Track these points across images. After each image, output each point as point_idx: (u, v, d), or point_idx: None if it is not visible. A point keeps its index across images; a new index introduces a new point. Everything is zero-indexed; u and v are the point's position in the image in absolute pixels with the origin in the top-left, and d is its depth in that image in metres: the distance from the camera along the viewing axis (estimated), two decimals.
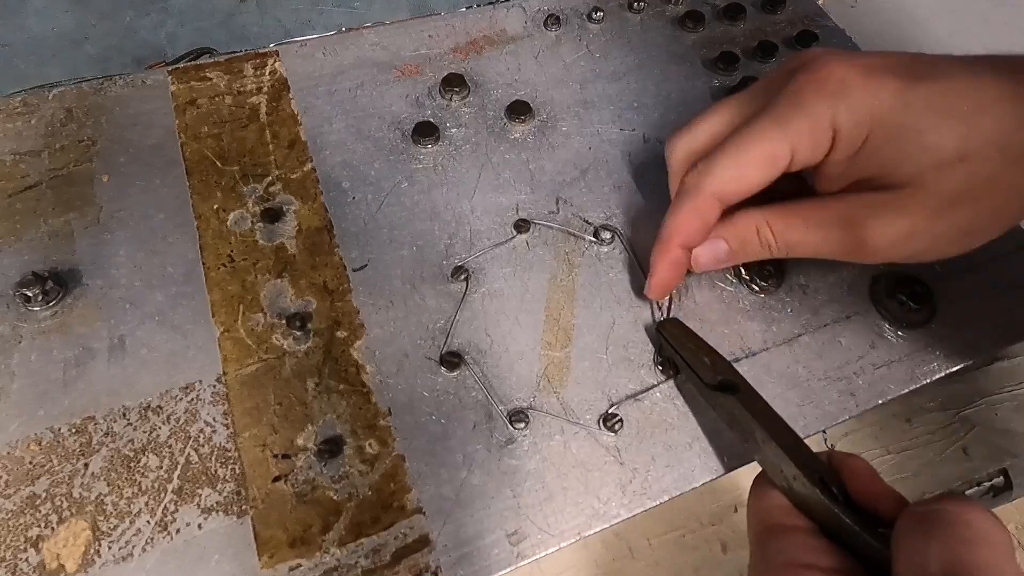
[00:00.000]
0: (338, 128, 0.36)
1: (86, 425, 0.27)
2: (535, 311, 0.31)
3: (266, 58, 0.39)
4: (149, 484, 0.26)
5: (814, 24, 0.43)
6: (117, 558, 0.24)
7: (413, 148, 0.36)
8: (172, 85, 0.37)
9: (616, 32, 0.42)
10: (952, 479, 0.30)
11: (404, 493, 0.26)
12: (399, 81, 0.38)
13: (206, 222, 0.32)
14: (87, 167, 0.34)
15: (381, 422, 0.27)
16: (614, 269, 0.32)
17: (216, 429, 0.27)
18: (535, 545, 0.25)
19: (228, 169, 0.34)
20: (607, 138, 0.37)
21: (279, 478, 0.26)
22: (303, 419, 0.27)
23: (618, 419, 0.28)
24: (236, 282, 0.31)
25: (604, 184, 0.35)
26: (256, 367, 0.28)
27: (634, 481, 0.27)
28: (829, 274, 0.32)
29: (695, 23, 0.42)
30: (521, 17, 0.42)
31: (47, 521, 0.25)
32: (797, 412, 0.29)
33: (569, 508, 0.26)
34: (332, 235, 0.32)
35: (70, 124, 0.35)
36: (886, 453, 0.30)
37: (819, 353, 0.30)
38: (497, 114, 0.37)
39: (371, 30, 0.41)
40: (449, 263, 0.32)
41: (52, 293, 0.29)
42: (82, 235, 0.32)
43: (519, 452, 0.27)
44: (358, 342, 0.29)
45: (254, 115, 0.36)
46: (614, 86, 0.39)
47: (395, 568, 0.25)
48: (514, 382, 0.29)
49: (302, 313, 0.30)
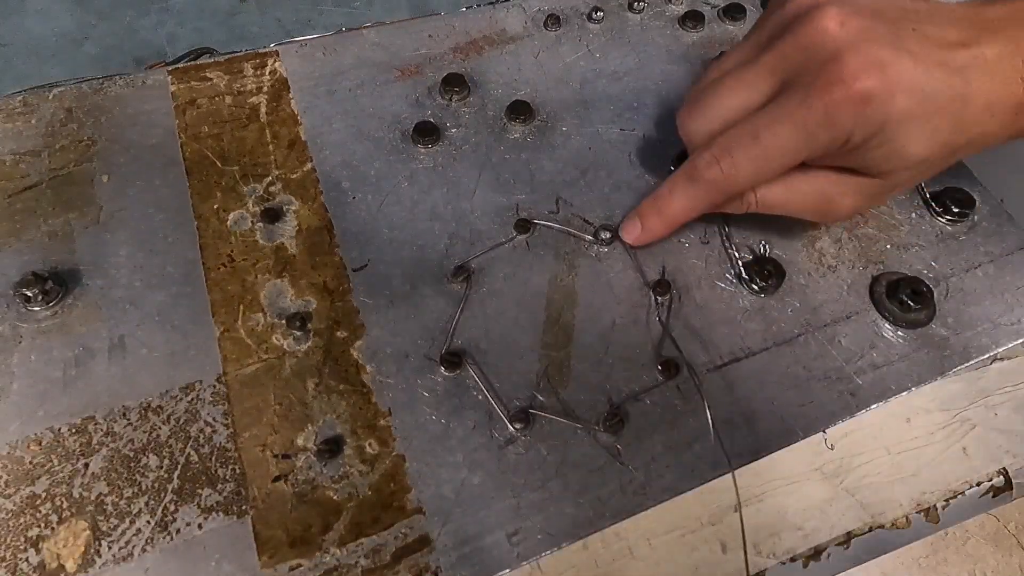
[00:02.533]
0: (338, 128, 0.36)
1: (86, 425, 0.27)
2: (535, 311, 0.31)
3: (266, 58, 0.39)
4: (149, 484, 0.26)
5: None
6: (117, 558, 0.24)
7: (413, 148, 0.36)
8: (172, 85, 0.37)
9: (616, 32, 0.42)
10: (952, 479, 0.30)
11: (404, 493, 0.26)
12: (399, 81, 0.38)
13: (206, 222, 0.32)
14: (87, 167, 0.34)
15: (381, 422, 0.27)
16: (614, 269, 0.32)
17: (216, 429, 0.27)
18: (535, 545, 0.25)
19: (228, 169, 0.34)
20: (607, 138, 0.37)
21: (279, 478, 0.26)
22: (303, 419, 0.27)
23: (618, 419, 0.28)
24: (236, 282, 0.31)
25: (604, 184, 0.35)
26: (256, 367, 0.28)
27: (634, 481, 0.27)
28: (829, 274, 0.32)
29: (695, 23, 0.42)
30: (521, 17, 0.42)
31: (47, 521, 0.25)
32: (797, 412, 0.29)
33: (569, 508, 0.26)
34: (332, 235, 0.32)
35: (70, 124, 0.35)
36: (886, 453, 0.30)
37: (819, 353, 0.30)
38: (497, 114, 0.37)
39: (371, 30, 0.41)
40: (449, 263, 0.32)
41: (52, 293, 0.29)
42: (82, 235, 0.32)
43: (519, 452, 0.27)
44: (358, 342, 0.29)
45: (254, 115, 0.36)
46: (614, 86, 0.39)
47: (395, 568, 0.25)
48: (514, 382, 0.29)
49: (302, 313, 0.30)
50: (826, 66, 0.25)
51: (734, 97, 0.28)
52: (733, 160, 0.28)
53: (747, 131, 0.27)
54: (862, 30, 0.25)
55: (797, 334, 0.31)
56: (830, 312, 0.31)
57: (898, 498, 0.29)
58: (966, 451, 0.31)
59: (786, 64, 0.27)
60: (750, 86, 0.28)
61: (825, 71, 0.25)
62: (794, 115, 0.26)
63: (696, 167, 0.29)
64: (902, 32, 0.25)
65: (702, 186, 0.29)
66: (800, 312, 0.31)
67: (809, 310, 0.31)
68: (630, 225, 0.32)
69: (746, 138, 0.27)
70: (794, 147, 0.27)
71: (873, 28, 0.25)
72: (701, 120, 0.29)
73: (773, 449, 0.28)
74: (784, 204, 0.30)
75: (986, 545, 0.33)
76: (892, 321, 0.31)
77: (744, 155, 0.27)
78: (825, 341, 0.30)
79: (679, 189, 0.30)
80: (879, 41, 0.25)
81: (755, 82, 0.28)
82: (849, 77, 0.25)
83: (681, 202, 0.30)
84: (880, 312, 0.31)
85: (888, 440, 0.30)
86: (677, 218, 0.31)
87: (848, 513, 0.29)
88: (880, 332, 0.31)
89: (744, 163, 0.27)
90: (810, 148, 0.27)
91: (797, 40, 0.26)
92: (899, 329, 0.31)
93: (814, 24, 0.26)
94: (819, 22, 0.26)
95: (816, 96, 0.25)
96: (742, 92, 0.28)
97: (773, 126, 0.27)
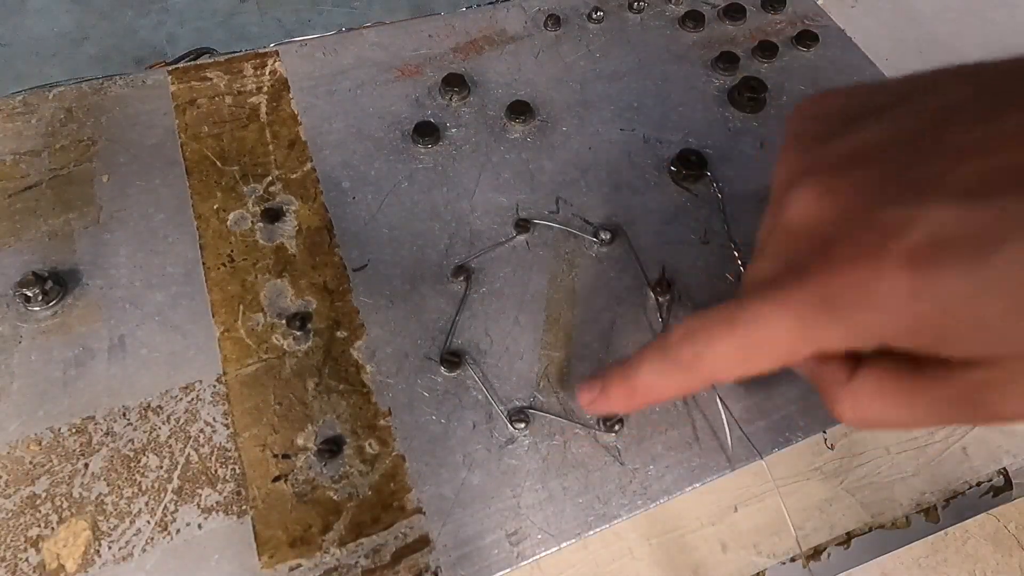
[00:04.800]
0: (338, 128, 0.36)
1: (86, 425, 0.27)
2: (535, 311, 0.31)
3: (266, 58, 0.39)
4: (149, 484, 0.26)
5: (814, 24, 0.43)
6: (117, 558, 0.24)
7: (413, 148, 0.36)
8: (172, 85, 0.37)
9: (616, 32, 0.42)
10: (952, 479, 0.30)
11: (404, 493, 0.26)
12: (399, 81, 0.38)
13: (206, 222, 0.32)
14: (87, 167, 0.34)
15: (381, 422, 0.28)
16: (614, 269, 0.32)
17: (216, 429, 0.27)
18: (535, 545, 0.25)
19: (228, 169, 0.34)
20: (607, 138, 0.37)
21: (279, 478, 0.26)
22: (303, 419, 0.27)
23: (618, 419, 0.28)
24: (236, 282, 0.31)
25: (604, 184, 0.35)
26: (256, 367, 0.28)
27: (634, 481, 0.27)
28: None
29: (695, 23, 0.42)
30: (521, 17, 0.42)
31: (47, 521, 0.25)
32: (797, 412, 0.29)
33: (569, 508, 0.26)
34: (332, 235, 0.32)
35: (70, 124, 0.35)
36: (886, 453, 0.30)
37: None
38: (497, 114, 0.37)
39: (371, 30, 0.41)
40: (449, 263, 0.32)
41: (52, 293, 0.29)
42: (82, 235, 0.32)
43: (519, 452, 0.27)
44: (358, 342, 0.29)
45: (254, 115, 0.36)
46: (614, 86, 0.39)
47: (395, 568, 0.25)
48: (514, 382, 0.29)
49: (302, 313, 0.30)
50: (823, 248, 0.20)
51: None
52: (708, 334, 0.21)
53: (726, 310, 0.21)
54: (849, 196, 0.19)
55: None
56: None
57: (898, 498, 0.29)
58: (966, 451, 0.31)
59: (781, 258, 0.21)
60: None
61: (821, 253, 0.20)
62: (784, 299, 0.20)
63: (669, 340, 0.23)
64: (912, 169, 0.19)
65: (672, 365, 0.23)
66: None
67: None
68: (588, 387, 0.25)
69: (722, 316, 0.21)
70: (784, 341, 0.20)
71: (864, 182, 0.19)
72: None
73: (773, 449, 0.28)
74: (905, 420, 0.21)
75: (986, 545, 0.33)
76: None
77: (721, 332, 0.21)
78: None
79: (648, 362, 0.23)
80: (877, 198, 0.19)
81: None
82: (849, 259, 0.19)
83: (648, 379, 0.23)
84: None
85: (888, 440, 0.30)
86: (643, 396, 0.24)
87: (848, 513, 0.29)
88: None
89: (719, 342, 0.21)
90: (813, 343, 0.20)
91: (779, 231, 0.21)
92: None
93: (791, 211, 0.21)
94: (794, 207, 0.21)
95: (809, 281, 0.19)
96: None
97: (758, 308, 0.20)
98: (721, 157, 0.36)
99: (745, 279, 0.24)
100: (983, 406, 0.20)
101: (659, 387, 0.23)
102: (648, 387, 0.23)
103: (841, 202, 0.20)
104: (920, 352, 0.19)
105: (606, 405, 0.25)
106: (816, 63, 0.41)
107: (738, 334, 0.21)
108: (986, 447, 0.31)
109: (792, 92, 0.40)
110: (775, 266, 0.22)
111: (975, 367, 0.19)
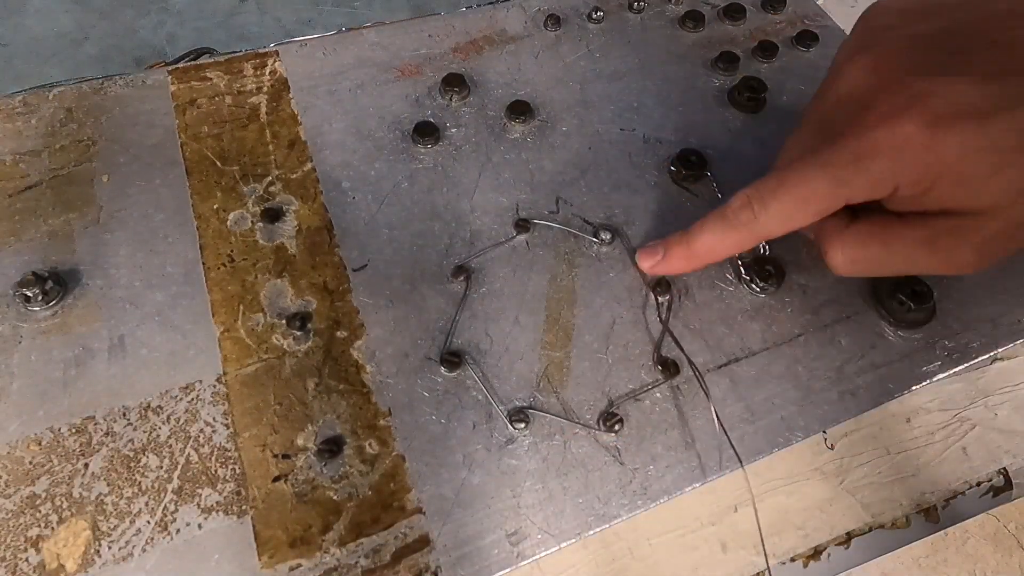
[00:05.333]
0: (338, 128, 0.36)
1: (86, 425, 0.27)
2: (535, 311, 0.31)
3: (266, 58, 0.39)
4: (149, 484, 0.26)
5: (814, 24, 0.43)
6: (117, 558, 0.24)
7: (413, 148, 0.36)
8: (172, 85, 0.37)
9: (616, 32, 0.42)
10: (952, 479, 0.30)
11: (404, 493, 0.26)
12: (399, 81, 0.38)
13: (206, 222, 0.32)
14: (87, 167, 0.34)
15: (381, 422, 0.28)
16: (614, 269, 0.32)
17: (216, 429, 0.27)
18: (535, 545, 0.25)
19: (228, 169, 0.34)
20: (607, 138, 0.37)
21: (279, 478, 0.26)
22: (303, 419, 0.27)
23: (618, 419, 0.28)
24: (236, 282, 0.31)
25: (604, 184, 0.35)
26: (256, 367, 0.28)
27: (634, 481, 0.27)
28: (829, 274, 0.32)
29: (695, 23, 0.42)
30: (521, 17, 0.42)
31: (47, 521, 0.25)
32: (797, 412, 0.29)
33: (569, 508, 0.26)
34: (332, 235, 0.32)
35: (70, 124, 0.35)
36: (886, 453, 0.30)
37: (819, 353, 0.30)
38: (497, 114, 0.37)
39: (371, 30, 0.41)
40: (449, 263, 0.32)
41: (52, 293, 0.29)
42: (82, 235, 0.32)
43: (519, 452, 0.27)
44: (358, 342, 0.29)
45: (254, 115, 0.36)
46: (614, 86, 0.39)
47: (395, 568, 0.25)
48: (514, 382, 0.29)
49: (302, 313, 0.30)
50: (858, 114, 0.25)
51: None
52: (762, 199, 0.27)
53: (784, 184, 0.26)
54: (893, 68, 0.24)
55: (797, 334, 0.31)
56: (830, 312, 0.31)
57: (898, 498, 0.29)
58: (966, 451, 0.31)
59: (825, 124, 0.27)
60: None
61: (856, 119, 0.24)
62: (823, 152, 0.25)
63: (728, 207, 0.28)
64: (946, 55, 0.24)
65: (731, 226, 0.28)
66: (800, 312, 0.31)
67: (809, 310, 0.31)
68: (651, 252, 0.31)
69: (780, 188, 0.26)
70: (823, 194, 0.25)
71: (908, 59, 0.24)
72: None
73: (773, 449, 0.28)
74: (881, 262, 0.27)
75: (986, 545, 0.33)
76: (892, 321, 0.31)
77: (772, 197, 0.26)
78: (825, 341, 0.30)
79: (709, 227, 0.29)
80: (914, 72, 0.23)
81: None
82: (882, 116, 0.23)
83: (709, 240, 0.28)
84: (880, 312, 0.31)
85: (888, 440, 0.30)
86: (702, 256, 0.29)
87: (848, 513, 0.29)
88: (880, 332, 0.31)
89: (772, 203, 0.26)
90: (843, 194, 0.25)
91: (829, 97, 0.26)
92: (899, 329, 0.31)
93: (843, 79, 0.26)
94: (847, 75, 0.25)
95: (844, 143, 0.24)
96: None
97: (803, 171, 0.26)
98: (721, 157, 0.36)
99: (785, 148, 0.29)
100: (943, 250, 0.25)
101: (718, 248, 0.28)
102: (708, 248, 0.28)
103: (884, 72, 0.24)
104: (913, 201, 0.25)
105: (665, 267, 0.30)
106: (816, 63, 0.41)
107: (788, 195, 0.26)
108: (986, 447, 0.31)
109: (792, 92, 0.40)
110: (813, 137, 0.27)
111: (948, 216, 0.25)
